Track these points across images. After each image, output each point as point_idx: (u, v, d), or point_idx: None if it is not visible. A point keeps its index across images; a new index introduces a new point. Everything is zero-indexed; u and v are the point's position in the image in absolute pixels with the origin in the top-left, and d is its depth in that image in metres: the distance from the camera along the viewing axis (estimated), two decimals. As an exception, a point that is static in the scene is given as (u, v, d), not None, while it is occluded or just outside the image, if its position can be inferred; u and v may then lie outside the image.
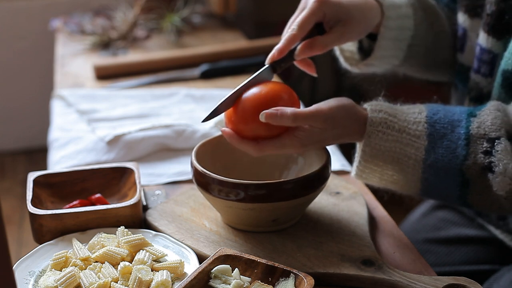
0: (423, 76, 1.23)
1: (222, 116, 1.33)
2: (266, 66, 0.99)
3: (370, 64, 1.11)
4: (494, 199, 0.91)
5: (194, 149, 0.99)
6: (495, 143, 0.89)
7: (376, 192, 1.05)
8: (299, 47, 0.99)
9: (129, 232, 0.94)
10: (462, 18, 1.12)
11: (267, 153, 0.93)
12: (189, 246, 0.93)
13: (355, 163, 0.97)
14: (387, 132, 0.93)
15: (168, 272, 0.86)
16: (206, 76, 1.66)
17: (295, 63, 1.02)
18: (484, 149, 0.89)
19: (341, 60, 1.17)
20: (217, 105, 0.96)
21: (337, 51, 1.17)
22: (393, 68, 1.17)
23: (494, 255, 1.22)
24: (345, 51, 1.16)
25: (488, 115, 0.92)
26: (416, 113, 0.94)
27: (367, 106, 0.96)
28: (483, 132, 0.90)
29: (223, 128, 0.94)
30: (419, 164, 0.92)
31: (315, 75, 1.03)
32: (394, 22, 1.07)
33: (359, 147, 0.97)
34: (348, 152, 1.18)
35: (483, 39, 1.04)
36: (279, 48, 0.98)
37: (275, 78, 0.97)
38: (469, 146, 0.90)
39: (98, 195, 1.03)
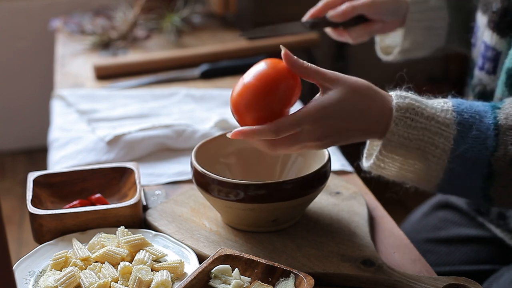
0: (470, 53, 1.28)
1: (222, 116, 1.33)
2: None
3: (404, 52, 1.24)
4: None
5: (194, 149, 0.99)
6: None
7: (383, 192, 1.03)
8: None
9: (129, 232, 0.94)
10: (478, 14, 1.14)
11: (281, 153, 0.91)
12: (189, 246, 0.93)
13: (375, 153, 0.92)
14: (415, 119, 0.89)
15: (168, 272, 0.86)
16: (206, 76, 1.66)
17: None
18: None
19: (378, 51, 1.29)
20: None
21: (377, 44, 1.30)
22: (439, 51, 1.28)
23: (494, 255, 1.22)
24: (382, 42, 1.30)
25: None
26: (441, 102, 0.92)
27: (391, 92, 0.92)
28: (511, 123, 0.89)
29: (235, 130, 0.88)
30: (446, 154, 0.89)
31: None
32: (421, 15, 1.20)
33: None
34: (348, 152, 1.17)
35: (488, 36, 1.05)
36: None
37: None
38: (498, 137, 0.89)
39: (98, 195, 1.03)
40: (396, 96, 0.90)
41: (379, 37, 1.32)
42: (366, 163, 0.94)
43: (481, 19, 1.11)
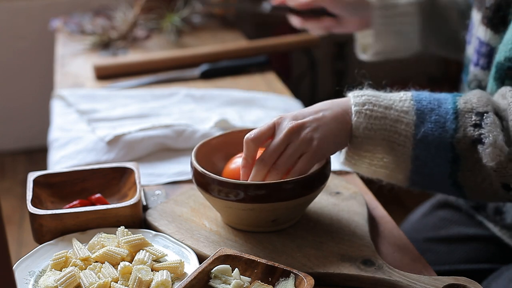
0: (454, 56, 1.37)
1: (222, 116, 1.33)
2: None
3: (379, 53, 1.35)
4: (484, 175, 0.92)
5: (194, 149, 0.99)
6: (484, 117, 0.91)
7: (383, 192, 1.05)
8: None
9: (129, 232, 0.94)
10: (474, 12, 1.16)
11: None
12: (189, 246, 0.93)
13: (344, 149, 0.97)
14: (374, 109, 0.93)
15: (168, 272, 0.86)
16: (206, 76, 1.66)
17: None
18: (473, 122, 0.91)
19: (357, 49, 1.37)
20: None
21: (357, 41, 1.39)
22: (419, 53, 1.37)
23: (493, 254, 1.22)
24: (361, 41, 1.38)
25: (474, 94, 0.95)
26: (401, 94, 0.96)
27: (348, 94, 0.97)
28: (470, 107, 0.92)
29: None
30: (409, 140, 0.93)
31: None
32: (389, 20, 1.28)
33: None
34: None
35: (481, 32, 1.07)
36: None
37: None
38: (458, 119, 0.92)
39: (98, 195, 1.03)
40: (353, 96, 0.95)
41: (360, 34, 1.39)
42: (340, 160, 1.00)
43: (476, 16, 1.13)
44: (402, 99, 0.95)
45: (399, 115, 0.93)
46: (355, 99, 0.95)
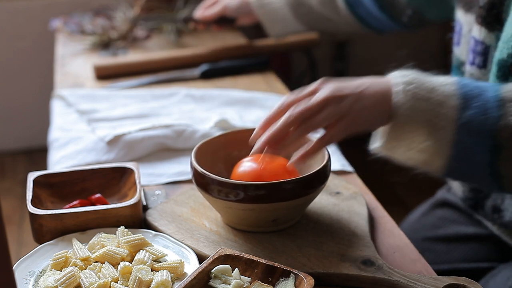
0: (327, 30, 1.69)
1: (222, 116, 1.34)
2: None
3: (278, 35, 1.70)
4: None
5: (194, 149, 0.99)
6: None
7: (381, 189, 1.04)
8: None
9: (129, 232, 0.94)
10: (459, 14, 1.16)
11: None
12: (189, 246, 0.93)
13: (383, 133, 0.95)
14: (416, 91, 0.91)
15: (168, 272, 0.86)
16: (206, 76, 1.66)
17: None
18: None
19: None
20: None
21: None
22: (309, 31, 1.70)
23: (492, 252, 1.22)
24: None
25: None
26: (443, 77, 0.94)
27: (391, 74, 0.95)
28: None
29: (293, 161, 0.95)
30: (451, 124, 0.90)
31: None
32: (269, 13, 1.64)
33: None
34: (348, 152, 1.17)
35: (476, 31, 1.07)
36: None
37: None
38: (501, 108, 0.90)
39: (98, 195, 1.03)
40: (398, 76, 0.93)
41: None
42: (376, 144, 0.96)
43: (464, 18, 1.14)
44: (445, 83, 0.93)
45: (442, 99, 0.91)
46: (400, 78, 0.93)
